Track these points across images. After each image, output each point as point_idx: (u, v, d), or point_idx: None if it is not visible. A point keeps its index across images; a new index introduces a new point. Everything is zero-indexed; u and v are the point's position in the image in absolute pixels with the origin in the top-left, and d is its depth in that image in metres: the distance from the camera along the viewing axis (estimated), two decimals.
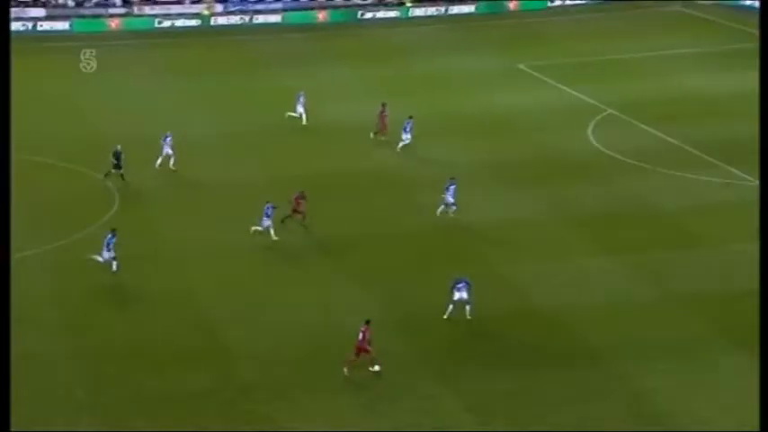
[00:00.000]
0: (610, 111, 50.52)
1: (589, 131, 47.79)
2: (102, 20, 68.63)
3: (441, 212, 37.55)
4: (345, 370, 28.26)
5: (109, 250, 32.86)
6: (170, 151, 42.23)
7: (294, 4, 73.49)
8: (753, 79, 55.08)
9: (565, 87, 54.82)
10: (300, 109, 48.05)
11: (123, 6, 70.65)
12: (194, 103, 52.22)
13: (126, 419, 26.44)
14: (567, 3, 75.94)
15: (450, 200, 37.40)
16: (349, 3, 74.33)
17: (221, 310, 31.72)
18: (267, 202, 36.04)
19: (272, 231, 35.75)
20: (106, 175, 40.98)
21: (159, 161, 42.28)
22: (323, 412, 26.77)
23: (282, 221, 36.24)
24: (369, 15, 73.09)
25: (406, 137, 44.75)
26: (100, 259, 33.14)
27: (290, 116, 48.23)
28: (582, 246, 35.92)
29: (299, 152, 45.30)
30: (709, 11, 71.92)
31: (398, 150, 44.65)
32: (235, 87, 55.32)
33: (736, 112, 49.81)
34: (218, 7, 72.12)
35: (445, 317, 30.86)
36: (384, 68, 59.58)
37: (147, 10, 70.61)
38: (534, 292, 32.80)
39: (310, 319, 31.27)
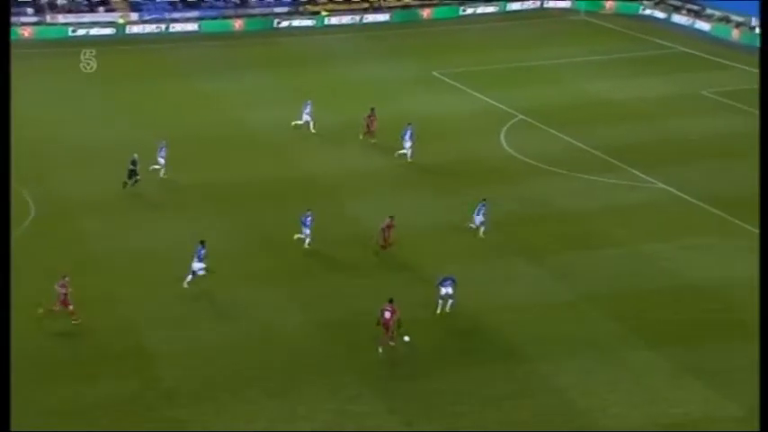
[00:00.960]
0: (520, 116, 51.34)
1: (501, 137, 48.49)
2: (13, 28, 67.15)
3: (470, 228, 36.59)
4: (380, 350, 29.06)
5: (200, 260, 32.51)
6: (162, 161, 41.90)
7: (210, 13, 73.01)
8: (654, 85, 56.86)
9: (478, 94, 55.53)
10: (307, 117, 47.93)
11: (35, 15, 69.26)
12: (110, 112, 51.50)
13: (48, 427, 25.85)
14: (479, 11, 77.03)
15: (481, 219, 36.42)
16: (265, 11, 74.16)
17: (143, 315, 31.29)
18: (307, 210, 35.84)
19: (307, 240, 35.52)
20: (125, 184, 40.54)
21: (161, 169, 41.72)
22: (247, 414, 26.50)
23: (377, 254, 35.01)
24: (285, 24, 72.98)
25: (408, 144, 44.67)
26: (195, 273, 32.61)
27: (296, 125, 48.11)
28: (497, 248, 36.25)
29: (218, 159, 44.99)
30: (611, 20, 73.61)
31: (397, 156, 44.59)
32: (151, 95, 54.72)
33: (639, 117, 51.07)
34: (133, 16, 71.20)
35: (438, 311, 31.18)
36: (301, 76, 59.57)
37: (60, 18, 69.32)
38: (460, 295, 33.05)
39: (234, 323, 31.04)
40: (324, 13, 74.53)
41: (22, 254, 32.93)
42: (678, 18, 71.69)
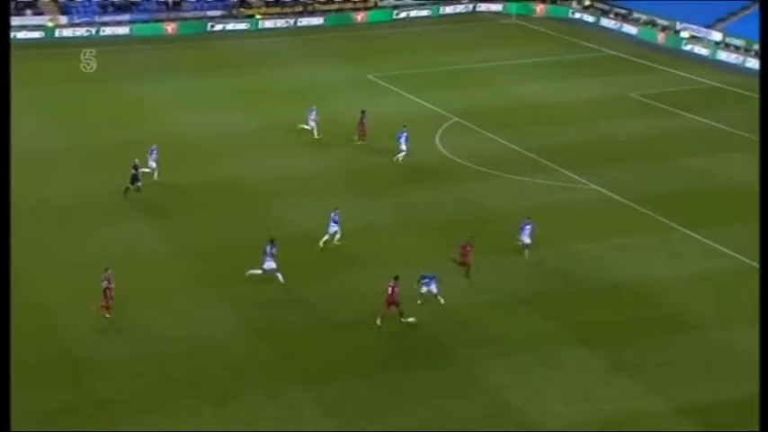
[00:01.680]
0: (455, 119, 51.56)
1: (437, 139, 48.65)
2: None
3: (519, 246, 35.48)
4: (378, 321, 30.07)
5: (271, 260, 32.37)
6: (154, 164, 41.57)
7: (142, 17, 72.00)
8: (584, 87, 57.58)
9: (413, 97, 55.65)
10: (312, 123, 47.84)
11: None
12: (38, 116, 50.46)
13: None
14: (412, 15, 77.25)
15: (528, 240, 35.24)
16: (198, 15, 73.40)
17: (76, 325, 30.67)
18: (335, 209, 36.06)
19: (336, 236, 35.88)
20: (127, 189, 40.04)
21: (153, 172, 41.29)
22: (186, 424, 26.12)
23: (468, 276, 33.70)
24: (218, 27, 72.31)
25: (403, 148, 44.73)
26: (259, 272, 32.62)
27: (301, 128, 47.97)
28: (433, 250, 36.15)
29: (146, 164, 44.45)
30: (542, 23, 74.40)
31: (397, 161, 44.61)
32: (81, 99, 53.77)
33: (571, 119, 51.64)
34: (63, 19, 69.85)
35: (419, 302, 31.48)
36: (236, 80, 59.09)
37: None
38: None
39: (169, 330, 30.58)
40: (258, 17, 74.05)
41: None
42: (606, 22, 72.73)
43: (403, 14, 77.00)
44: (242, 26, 73.08)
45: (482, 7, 78.41)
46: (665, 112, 52.40)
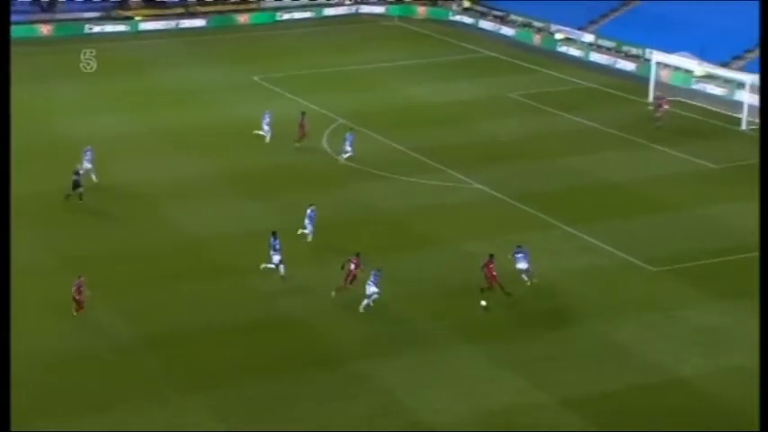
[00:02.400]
0: (341, 120, 51.79)
1: (323, 141, 48.76)
2: None
3: (522, 274, 33.49)
4: (333, 293, 31.60)
5: (276, 253, 33.32)
6: (89, 165, 41.17)
7: (16, 18, 69.58)
8: (465, 88, 58.54)
9: (298, 98, 55.52)
10: (266, 127, 47.16)
11: None
12: None
13: None
14: (295, 17, 77.10)
15: (525, 266, 33.26)
16: (75, 16, 71.56)
17: None
18: (310, 205, 36.59)
19: (309, 237, 36.32)
20: (67, 196, 39.52)
21: (77, 170, 40.40)
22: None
23: (482, 291, 32.45)
24: (97, 29, 70.68)
25: (348, 149, 44.69)
26: (272, 266, 33.30)
27: (256, 134, 47.18)
28: (320, 252, 36.10)
29: (20, 170, 43.12)
30: (423, 25, 75.23)
31: (342, 162, 44.43)
32: None
33: (453, 120, 52.40)
34: None
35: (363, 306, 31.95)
36: (116, 83, 57.89)
37: None
38: (279, 301, 32.83)
39: (56, 339, 29.88)
40: (137, 19, 72.67)
41: None
42: (485, 24, 74.08)
43: (286, 16, 76.79)
44: (121, 28, 71.58)
45: (364, 9, 78.85)
46: (542, 112, 53.73)
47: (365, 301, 31.86)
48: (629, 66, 61.97)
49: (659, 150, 47.24)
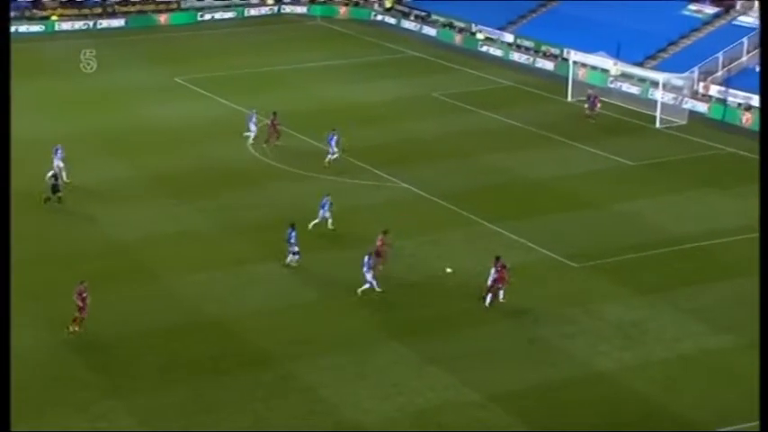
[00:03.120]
0: (266, 121, 51.36)
1: (249, 141, 48.32)
2: None
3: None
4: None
5: (292, 245, 33.90)
6: (61, 164, 40.54)
7: None
8: (389, 88, 58.56)
9: (222, 99, 54.94)
10: (253, 128, 46.42)
11: None
12: None
13: None
14: (217, 17, 76.24)
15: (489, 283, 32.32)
16: None
17: None
18: (327, 195, 37.63)
19: (329, 222, 37.36)
20: (46, 200, 39.04)
21: (54, 173, 39.96)
22: None
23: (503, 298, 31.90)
24: (11, 29, 68.76)
25: (333, 150, 43.96)
26: (291, 258, 34.03)
27: (246, 136, 46.42)
28: (248, 253, 35.91)
29: None
30: (346, 25, 75.08)
31: (329, 164, 43.82)
32: None
33: (378, 119, 52.33)
34: None
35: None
36: (34, 85, 56.48)
37: None
38: (204, 303, 32.37)
39: None
40: (54, 18, 71.00)
41: None
42: (407, 24, 74.26)
43: (207, 16, 75.88)
44: (36, 28, 69.85)
45: (287, 9, 78.37)
46: (465, 111, 54.05)
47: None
48: (547, 65, 62.78)
49: (578, 148, 47.92)
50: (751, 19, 58.37)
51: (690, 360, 29.33)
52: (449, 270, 33.55)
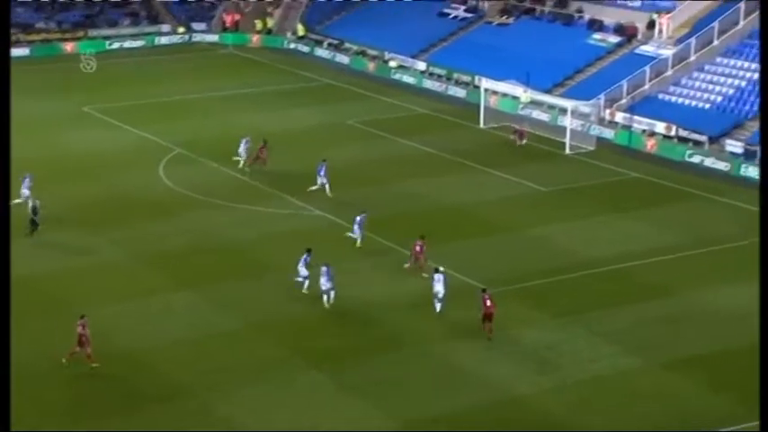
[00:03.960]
0: (178, 150, 50.75)
1: (160, 170, 47.59)
2: None
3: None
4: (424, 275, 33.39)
5: (306, 268, 34.50)
6: (27, 192, 40.75)
7: None
8: (304, 116, 58.58)
9: (133, 128, 54.11)
10: (243, 153, 46.44)
11: None
12: None
13: None
14: (126, 46, 75.26)
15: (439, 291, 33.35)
16: None
17: None
18: (363, 212, 38.79)
19: (358, 242, 38.48)
20: (31, 232, 39.12)
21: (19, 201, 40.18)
22: None
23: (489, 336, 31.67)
24: None
25: (322, 180, 44.03)
26: (300, 279, 34.47)
27: (235, 160, 46.64)
28: (163, 283, 35.43)
29: None
30: (259, 53, 74.90)
31: (309, 191, 44.10)
32: None
33: (291, 147, 52.29)
34: None
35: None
36: None
37: None
38: (117, 335, 31.77)
39: None
40: None
41: None
42: (321, 51, 74.48)
43: (116, 45, 74.86)
44: None
45: (197, 38, 77.85)
46: (379, 138, 54.33)
47: (324, 297, 33.50)
48: (459, 92, 63.63)
49: (492, 174, 48.57)
50: (651, 48, 60.29)
51: (604, 381, 29.84)
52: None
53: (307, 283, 34.58)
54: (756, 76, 53.62)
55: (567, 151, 52.18)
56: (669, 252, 38.86)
